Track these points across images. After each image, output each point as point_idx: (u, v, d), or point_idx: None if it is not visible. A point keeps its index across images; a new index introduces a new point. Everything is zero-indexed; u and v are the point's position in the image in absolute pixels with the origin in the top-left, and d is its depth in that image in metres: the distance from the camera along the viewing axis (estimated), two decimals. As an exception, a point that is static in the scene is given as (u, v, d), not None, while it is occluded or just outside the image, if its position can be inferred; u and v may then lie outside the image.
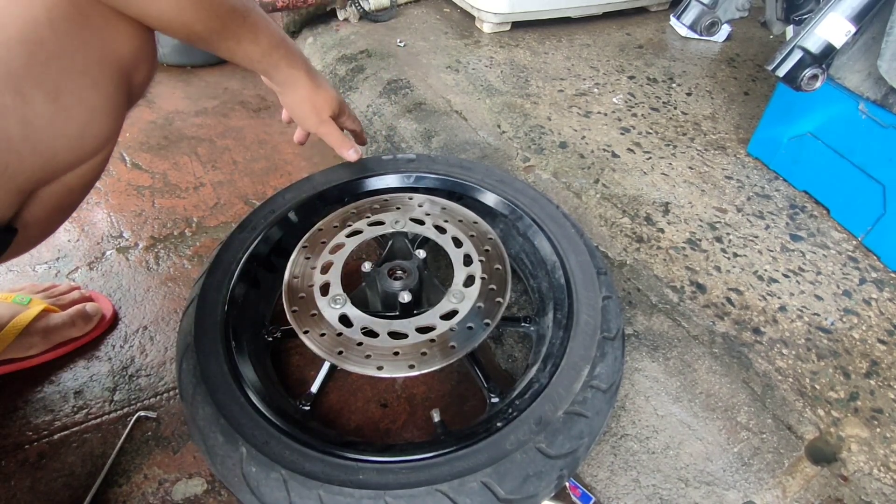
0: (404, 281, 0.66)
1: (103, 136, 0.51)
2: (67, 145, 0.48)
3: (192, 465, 0.66)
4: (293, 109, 0.76)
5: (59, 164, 0.49)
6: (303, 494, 0.51)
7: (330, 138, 0.78)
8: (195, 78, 1.41)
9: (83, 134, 0.49)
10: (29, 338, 0.71)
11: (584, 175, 1.02)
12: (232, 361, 0.61)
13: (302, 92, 0.72)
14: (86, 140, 0.49)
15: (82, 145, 0.49)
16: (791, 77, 0.72)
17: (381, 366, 0.58)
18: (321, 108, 0.75)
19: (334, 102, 0.76)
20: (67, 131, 0.48)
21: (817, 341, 0.77)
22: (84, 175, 0.53)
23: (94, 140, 0.50)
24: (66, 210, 0.58)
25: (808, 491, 0.62)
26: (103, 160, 0.55)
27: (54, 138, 0.47)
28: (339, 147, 0.79)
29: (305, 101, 0.73)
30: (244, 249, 0.70)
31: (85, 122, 0.48)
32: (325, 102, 0.75)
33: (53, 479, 0.64)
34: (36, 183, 0.49)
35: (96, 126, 0.50)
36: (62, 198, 0.53)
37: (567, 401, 0.56)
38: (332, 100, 0.75)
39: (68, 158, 0.49)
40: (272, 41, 0.65)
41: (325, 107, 0.75)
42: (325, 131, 0.77)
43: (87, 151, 0.50)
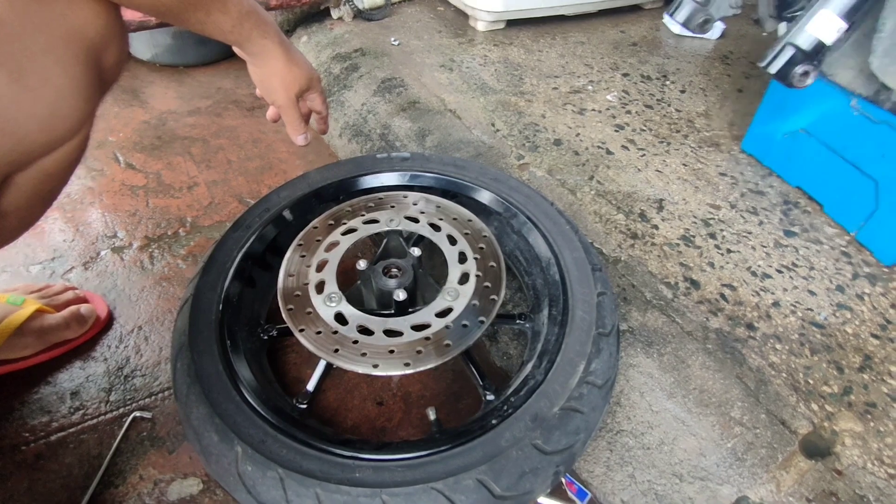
0: (399, 279, 0.66)
1: (75, 117, 0.50)
2: (37, 126, 0.47)
3: (188, 466, 0.66)
4: (262, 82, 0.74)
5: (31, 146, 0.48)
6: (300, 493, 0.51)
7: (286, 116, 0.77)
8: (188, 78, 1.40)
9: (52, 114, 0.48)
10: (23, 338, 0.71)
11: (578, 172, 1.02)
12: (227, 360, 0.61)
13: (273, 64, 0.71)
14: (56, 121, 0.48)
15: (53, 126, 0.49)
16: (783, 74, 0.72)
17: (377, 364, 0.58)
18: (290, 84, 0.73)
19: (303, 79, 0.74)
20: (35, 112, 0.47)
21: (811, 336, 0.77)
22: (61, 160, 0.52)
23: (65, 121, 0.49)
24: (47, 197, 0.57)
25: (801, 485, 0.62)
26: (80, 144, 0.54)
27: (22, 119, 0.46)
28: (291, 129, 0.79)
29: (275, 74, 0.72)
30: (239, 248, 0.70)
31: (53, 102, 0.47)
32: (294, 78, 0.73)
33: (51, 480, 0.64)
34: (8, 166, 0.48)
35: (66, 106, 0.49)
36: (41, 184, 0.52)
37: (563, 397, 0.57)
38: (302, 76, 0.74)
39: (40, 140, 0.49)
40: (242, 10, 0.63)
41: (294, 83, 0.74)
42: (286, 108, 0.76)
43: (59, 133, 0.50)
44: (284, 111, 0.77)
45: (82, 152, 0.56)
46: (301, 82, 0.74)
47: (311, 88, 0.77)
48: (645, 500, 0.65)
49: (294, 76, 0.73)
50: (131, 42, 1.36)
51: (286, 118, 0.78)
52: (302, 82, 0.74)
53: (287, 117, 0.77)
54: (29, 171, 0.51)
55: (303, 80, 0.74)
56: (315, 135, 1.23)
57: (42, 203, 0.57)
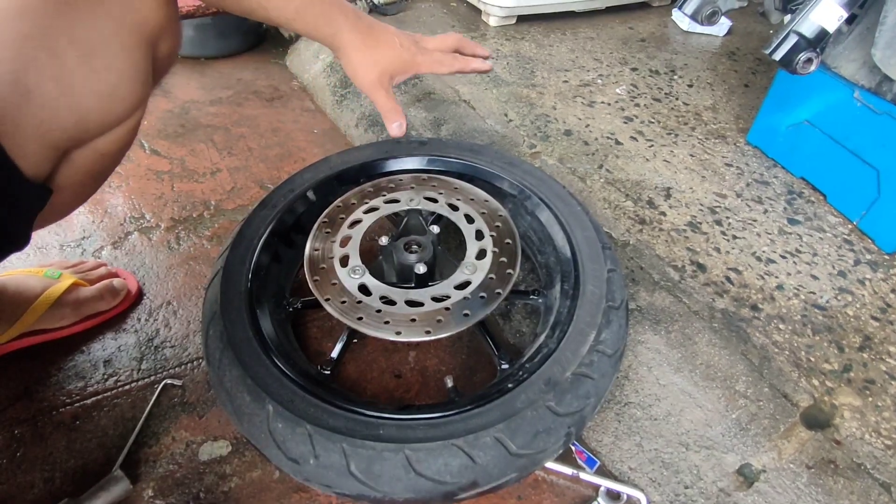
0: (419, 254, 0.70)
1: (132, 100, 0.53)
2: (98, 105, 0.50)
3: (217, 429, 0.70)
4: (349, 74, 0.72)
5: (91, 124, 0.51)
6: (327, 448, 0.55)
7: (377, 104, 0.74)
8: (209, 69, 1.44)
9: (113, 95, 0.51)
10: (60, 309, 0.75)
11: (588, 161, 1.05)
12: (256, 326, 0.64)
13: (351, 55, 0.69)
14: (115, 102, 0.52)
15: (112, 107, 0.52)
16: (787, 60, 0.75)
17: (399, 331, 0.61)
18: (371, 69, 0.70)
19: (391, 63, 0.71)
20: (98, 91, 0.50)
21: (813, 317, 0.80)
22: (115, 141, 0.56)
23: (123, 103, 0.52)
24: (98, 177, 0.60)
25: (802, 453, 0.65)
26: (133, 128, 0.58)
27: (86, 97, 0.49)
28: (385, 116, 0.75)
29: (356, 64, 0.70)
30: (266, 224, 0.74)
31: (114, 84, 0.51)
32: (375, 63, 0.70)
33: (87, 440, 0.67)
34: (69, 142, 0.52)
35: (125, 89, 0.52)
36: (94, 163, 0.56)
37: (574, 363, 0.60)
38: (390, 59, 0.70)
39: (99, 119, 0.52)
40: None
41: (375, 67, 0.70)
42: (374, 96, 0.73)
43: (117, 114, 0.53)
44: (373, 99, 0.74)
45: (134, 136, 0.59)
46: (390, 65, 0.71)
47: (408, 69, 0.74)
48: (652, 468, 0.68)
49: (376, 61, 0.70)
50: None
51: (377, 106, 0.74)
52: (392, 65, 0.71)
53: (378, 105, 0.74)
54: (85, 150, 0.54)
55: (393, 63, 0.71)
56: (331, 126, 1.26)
57: (94, 181, 0.60)
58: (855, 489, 0.62)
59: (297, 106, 1.32)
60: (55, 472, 0.65)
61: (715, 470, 0.65)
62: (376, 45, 0.70)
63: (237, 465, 0.67)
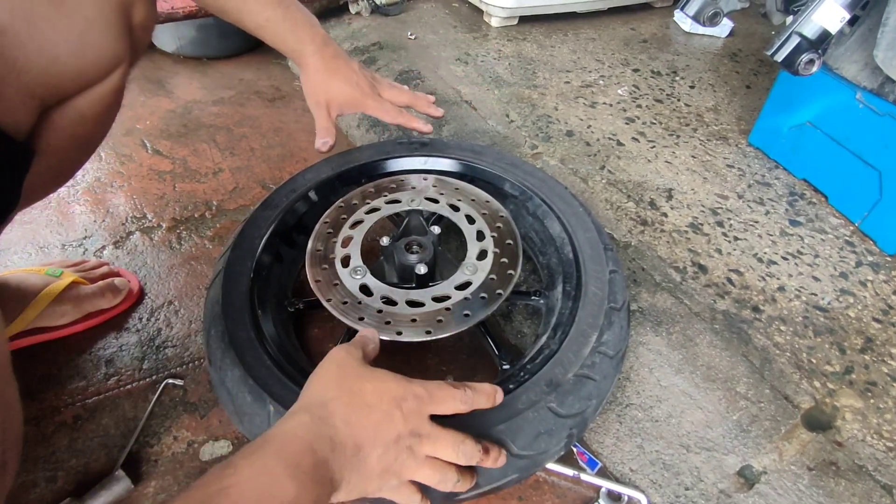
0: (420, 254, 0.70)
1: (103, 51, 0.53)
2: (68, 51, 0.50)
3: (218, 429, 0.70)
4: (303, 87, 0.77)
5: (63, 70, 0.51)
6: (328, 448, 0.55)
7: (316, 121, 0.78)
8: (211, 69, 1.45)
9: (82, 41, 0.51)
10: (60, 306, 0.75)
11: (590, 162, 1.05)
12: (258, 327, 0.64)
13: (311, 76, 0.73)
14: (87, 50, 0.51)
15: (83, 54, 0.51)
16: (789, 61, 0.75)
17: (401, 331, 0.61)
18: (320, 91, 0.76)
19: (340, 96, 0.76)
20: (68, 37, 0.49)
21: (814, 319, 0.80)
22: (95, 103, 0.55)
23: (94, 52, 0.52)
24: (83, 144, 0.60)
25: (803, 455, 0.65)
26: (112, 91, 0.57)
27: (56, 41, 0.49)
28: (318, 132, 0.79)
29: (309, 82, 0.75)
30: (268, 225, 0.74)
31: (83, 30, 0.50)
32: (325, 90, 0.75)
33: (89, 439, 0.67)
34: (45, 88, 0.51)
35: (95, 36, 0.51)
36: (77, 125, 0.55)
37: (576, 364, 0.60)
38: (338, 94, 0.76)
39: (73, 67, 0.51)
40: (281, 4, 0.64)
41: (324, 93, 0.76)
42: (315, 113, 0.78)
43: (88, 64, 0.52)
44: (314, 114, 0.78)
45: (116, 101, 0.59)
46: (339, 97, 0.75)
47: (355, 106, 0.78)
48: (653, 469, 0.68)
49: (328, 89, 0.74)
50: (156, 35, 1.40)
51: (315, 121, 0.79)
52: (341, 97, 0.75)
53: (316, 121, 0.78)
54: (64, 110, 0.53)
55: (339, 96, 0.75)
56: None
57: (79, 148, 0.60)
58: (856, 491, 0.62)
59: (299, 106, 1.32)
60: (57, 471, 0.65)
61: (716, 471, 0.65)
62: (335, 74, 0.74)
63: (238, 465, 0.67)
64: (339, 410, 0.46)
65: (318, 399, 0.47)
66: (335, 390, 0.48)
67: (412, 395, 0.48)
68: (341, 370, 0.50)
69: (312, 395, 0.48)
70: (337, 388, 0.48)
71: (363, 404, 0.47)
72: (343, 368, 0.50)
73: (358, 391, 0.47)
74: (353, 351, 0.52)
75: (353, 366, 0.50)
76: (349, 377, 0.49)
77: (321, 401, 0.47)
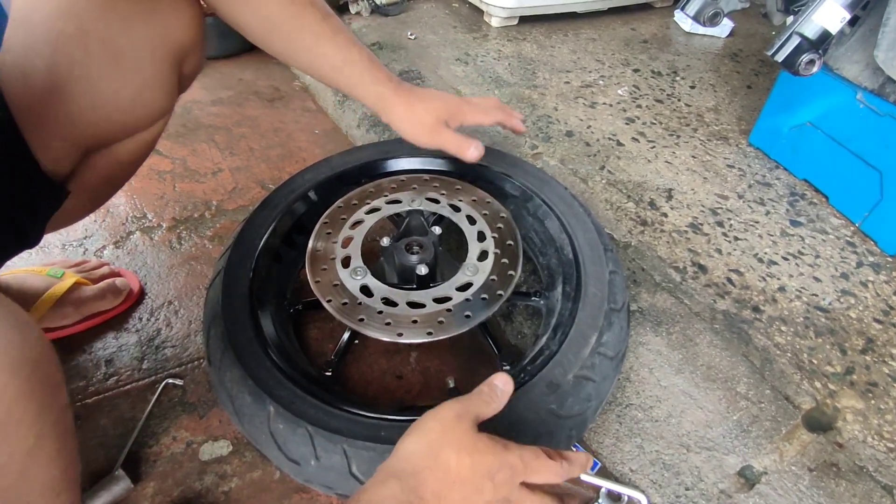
0: (421, 255, 0.69)
1: (155, 107, 0.55)
2: (121, 107, 0.52)
3: (218, 429, 0.70)
4: (398, 129, 0.72)
5: (114, 125, 0.53)
6: (328, 449, 0.55)
7: (446, 147, 0.72)
8: (210, 69, 1.45)
9: (137, 99, 0.53)
10: (63, 308, 0.75)
11: (590, 162, 1.05)
12: (258, 327, 0.64)
13: (396, 111, 0.69)
14: (138, 106, 0.53)
15: (134, 111, 0.53)
16: (789, 62, 0.75)
17: (401, 332, 0.61)
18: (425, 121, 0.70)
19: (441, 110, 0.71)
20: (123, 94, 0.52)
21: (815, 320, 0.80)
22: (134, 149, 0.57)
23: (145, 108, 0.54)
24: (113, 184, 0.62)
25: (804, 456, 0.65)
26: (153, 138, 0.59)
27: (111, 98, 0.51)
28: (457, 151, 0.73)
29: (403, 120, 0.70)
30: (267, 225, 0.74)
31: (139, 89, 0.53)
32: (426, 113, 0.70)
33: (88, 439, 0.67)
34: (91, 140, 0.53)
35: (149, 95, 0.54)
36: (112, 169, 0.57)
37: (576, 366, 0.60)
38: (436, 110, 0.70)
39: (122, 121, 0.53)
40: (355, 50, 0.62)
41: (428, 117, 0.70)
42: (438, 142, 0.72)
43: (139, 119, 0.54)
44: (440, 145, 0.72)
45: (152, 147, 0.61)
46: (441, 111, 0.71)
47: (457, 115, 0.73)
48: (653, 469, 0.68)
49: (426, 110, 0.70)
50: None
51: (447, 149, 0.73)
52: (441, 111, 0.71)
53: (447, 148, 0.72)
54: (105, 154, 0.55)
55: (441, 110, 0.71)
56: (332, 126, 1.26)
57: (108, 188, 0.62)
58: (857, 492, 0.62)
59: (299, 106, 1.32)
60: (56, 471, 0.65)
61: (716, 471, 0.65)
62: (421, 100, 0.70)
63: (238, 466, 0.67)
64: (431, 483, 0.43)
65: (412, 467, 0.44)
66: (431, 460, 0.44)
67: (507, 466, 0.45)
68: (443, 437, 0.46)
69: (408, 459, 0.45)
70: (433, 459, 0.44)
71: (457, 478, 0.44)
72: (446, 434, 0.46)
73: (455, 466, 0.44)
74: (466, 415, 0.47)
75: (458, 434, 0.46)
76: (449, 447, 0.45)
77: (414, 469, 0.44)
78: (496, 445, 0.46)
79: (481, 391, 0.50)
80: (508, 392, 0.51)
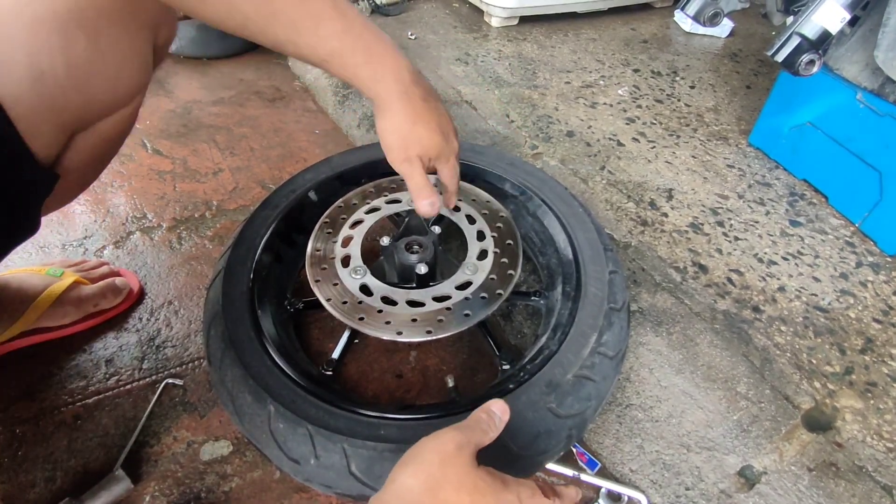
0: (420, 254, 0.70)
1: (134, 83, 0.56)
2: (103, 86, 0.53)
3: (219, 429, 0.70)
4: (380, 134, 0.60)
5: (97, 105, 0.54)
6: (328, 448, 0.55)
7: (409, 181, 0.62)
8: (211, 69, 1.45)
9: (117, 77, 0.53)
10: (62, 307, 0.75)
11: (590, 162, 1.05)
12: (258, 327, 0.64)
13: (391, 118, 0.58)
14: (120, 84, 0.54)
15: (116, 88, 0.54)
16: (789, 62, 0.75)
17: (401, 331, 0.61)
18: (410, 145, 0.59)
19: (430, 148, 0.60)
20: (104, 73, 0.52)
21: (814, 319, 0.80)
22: (116, 125, 0.58)
23: (126, 86, 0.55)
24: (100, 161, 0.62)
25: (803, 455, 0.65)
26: (133, 112, 0.60)
27: (93, 78, 0.51)
28: (415, 194, 0.62)
29: (393, 130, 0.58)
30: (267, 225, 0.74)
31: (118, 66, 0.53)
32: (417, 141, 0.59)
33: (89, 439, 0.67)
34: (77, 122, 0.53)
35: (127, 71, 0.54)
36: (97, 146, 0.58)
37: (576, 365, 0.60)
38: (430, 143, 0.60)
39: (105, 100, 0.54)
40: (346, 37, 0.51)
41: (416, 145, 0.59)
42: (406, 171, 0.61)
43: (119, 96, 0.55)
44: (405, 174, 0.62)
45: (134, 120, 0.61)
46: (426, 148, 0.60)
47: (439, 158, 0.63)
48: (653, 470, 0.68)
49: (418, 136, 0.59)
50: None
51: (408, 183, 0.62)
52: (427, 149, 0.60)
53: (409, 182, 0.62)
54: (88, 133, 0.56)
55: (428, 147, 0.60)
56: (333, 126, 1.26)
57: (96, 166, 0.62)
58: (856, 492, 0.62)
59: (299, 106, 1.33)
60: (56, 471, 0.65)
61: (716, 471, 0.65)
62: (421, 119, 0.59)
63: (238, 465, 0.67)
64: None
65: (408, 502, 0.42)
66: (429, 497, 0.42)
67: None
68: (443, 472, 0.43)
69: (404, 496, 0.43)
70: (431, 496, 0.42)
71: None
72: (445, 469, 0.43)
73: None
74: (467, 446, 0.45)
75: (458, 470, 0.43)
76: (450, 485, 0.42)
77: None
78: (495, 483, 0.44)
79: (480, 419, 0.48)
80: (506, 420, 0.50)
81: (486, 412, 0.49)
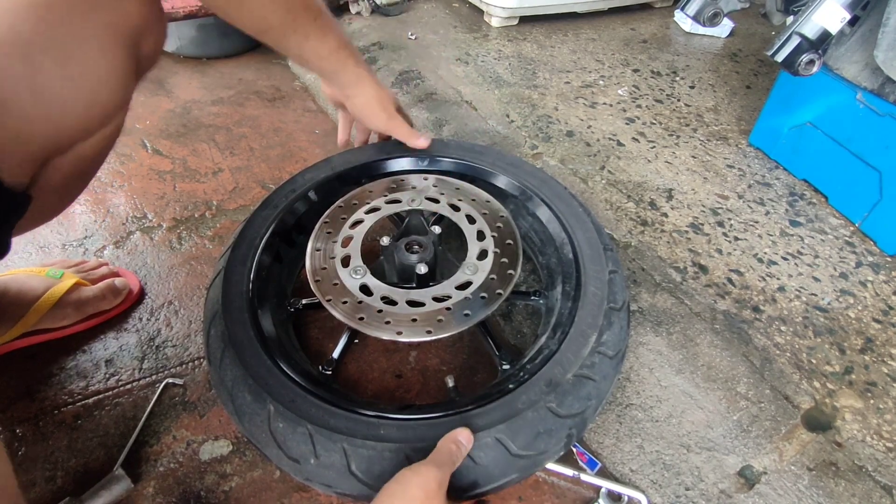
0: (420, 254, 0.70)
1: (112, 104, 0.51)
2: (76, 113, 0.48)
3: (218, 428, 0.70)
4: (362, 109, 0.78)
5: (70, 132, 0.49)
6: (328, 447, 0.55)
7: (400, 131, 0.81)
8: (211, 69, 1.45)
9: (92, 102, 0.49)
10: (62, 309, 0.75)
11: (590, 162, 1.05)
12: (258, 326, 0.64)
13: (370, 91, 0.75)
14: (95, 108, 0.50)
15: (91, 114, 0.50)
16: (789, 62, 0.75)
17: (401, 331, 0.61)
18: (387, 105, 0.78)
19: (395, 98, 0.80)
20: (77, 98, 0.47)
21: (814, 319, 0.80)
22: (96, 144, 0.54)
23: (102, 109, 0.50)
24: (83, 177, 0.59)
25: (803, 455, 0.65)
26: (115, 129, 0.56)
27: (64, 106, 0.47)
28: (409, 138, 0.81)
29: (373, 99, 0.76)
30: (267, 225, 0.74)
31: (93, 90, 0.48)
32: (388, 99, 0.78)
33: (89, 439, 0.67)
34: (48, 151, 0.49)
35: (105, 94, 0.50)
36: (76, 165, 0.54)
37: (576, 365, 0.60)
38: (393, 96, 0.79)
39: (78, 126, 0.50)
40: (339, 41, 0.69)
41: (390, 103, 0.78)
42: (394, 125, 0.80)
43: (96, 120, 0.51)
44: (394, 128, 0.80)
45: (116, 136, 0.58)
46: (394, 100, 0.79)
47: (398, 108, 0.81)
48: (653, 469, 0.68)
49: (387, 96, 0.78)
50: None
51: (399, 133, 0.81)
52: (395, 101, 0.79)
53: (400, 132, 0.81)
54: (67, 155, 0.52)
55: (394, 99, 0.79)
56: (333, 126, 1.26)
57: (78, 182, 0.59)
58: (856, 491, 0.62)
59: (299, 106, 1.33)
60: (57, 470, 0.65)
61: (716, 471, 0.65)
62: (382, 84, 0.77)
63: (238, 465, 0.67)
64: None
65: None
66: None
67: None
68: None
69: None
70: None
71: None
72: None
73: None
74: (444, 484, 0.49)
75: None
76: None
77: None
78: None
79: (451, 451, 0.52)
80: (470, 447, 0.54)
81: (455, 442, 0.52)
